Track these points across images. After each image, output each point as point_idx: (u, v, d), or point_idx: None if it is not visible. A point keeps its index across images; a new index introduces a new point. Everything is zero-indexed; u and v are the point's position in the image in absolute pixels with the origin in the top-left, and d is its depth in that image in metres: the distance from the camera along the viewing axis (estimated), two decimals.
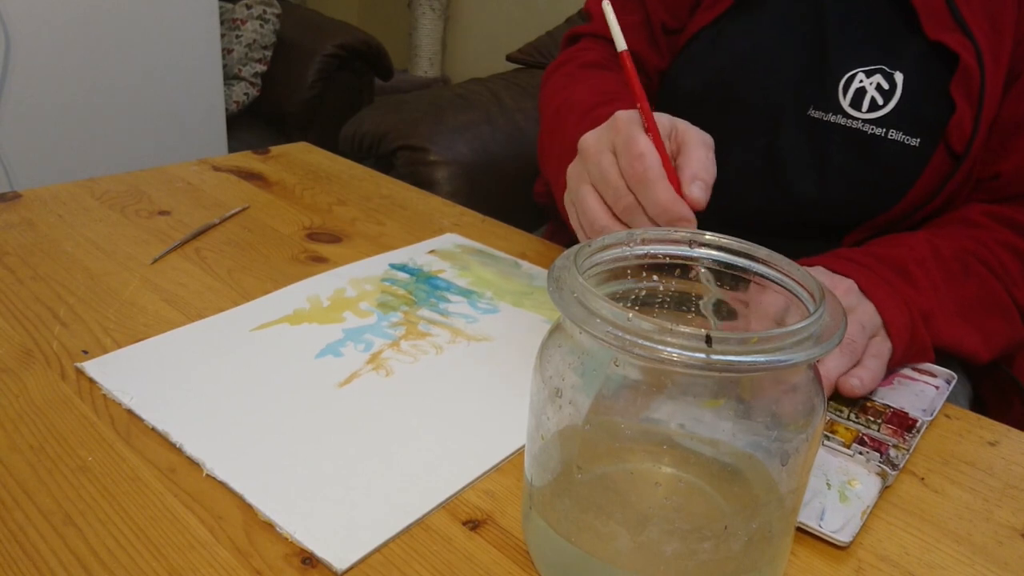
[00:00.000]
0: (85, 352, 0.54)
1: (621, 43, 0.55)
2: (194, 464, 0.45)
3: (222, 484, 0.43)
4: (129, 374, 0.52)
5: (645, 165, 0.51)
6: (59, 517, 0.41)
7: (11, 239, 0.70)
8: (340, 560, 0.39)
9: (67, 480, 0.43)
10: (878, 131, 0.66)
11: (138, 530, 0.40)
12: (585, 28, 0.83)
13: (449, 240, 0.76)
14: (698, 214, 0.51)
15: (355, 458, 0.46)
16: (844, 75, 0.68)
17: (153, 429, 0.47)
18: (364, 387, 0.53)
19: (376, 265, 0.70)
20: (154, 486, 0.43)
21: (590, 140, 0.56)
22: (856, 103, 0.68)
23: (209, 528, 0.41)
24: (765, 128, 0.72)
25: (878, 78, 0.67)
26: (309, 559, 0.39)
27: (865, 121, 0.67)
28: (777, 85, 0.72)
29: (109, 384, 0.51)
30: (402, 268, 0.70)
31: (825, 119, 0.69)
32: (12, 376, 0.52)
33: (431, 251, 0.73)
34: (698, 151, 0.53)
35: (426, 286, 0.67)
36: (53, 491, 0.42)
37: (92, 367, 0.52)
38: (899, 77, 0.66)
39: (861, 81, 0.67)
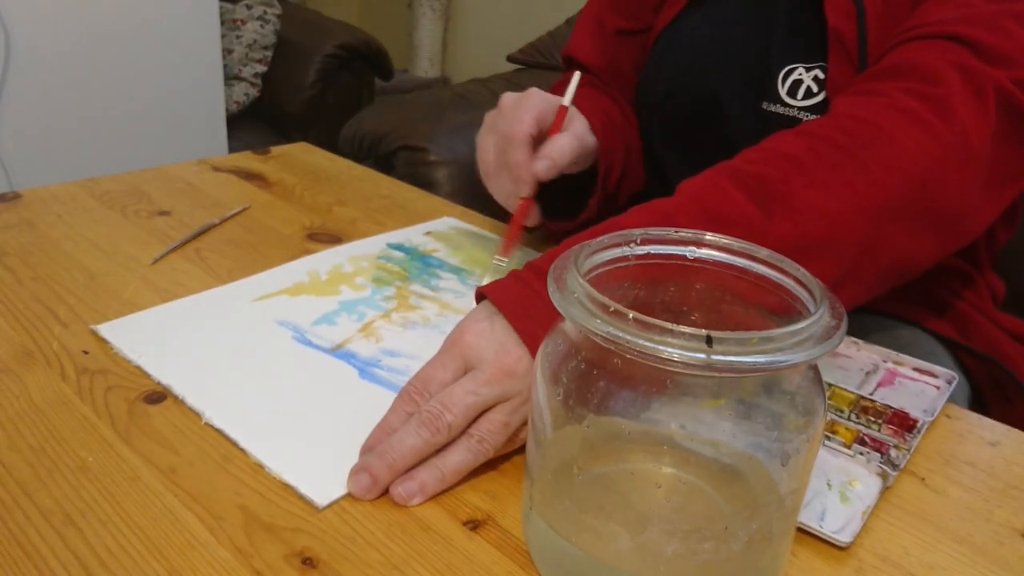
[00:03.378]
0: (85, 352, 0.54)
1: (567, 100, 0.67)
2: (194, 464, 0.45)
3: (218, 431, 0.47)
4: (139, 336, 0.56)
5: (512, 131, 0.63)
6: (59, 517, 0.41)
7: (11, 239, 0.70)
8: (321, 497, 0.43)
9: (67, 480, 0.43)
10: (813, 117, 0.67)
11: (138, 530, 0.40)
12: (568, 52, 0.85)
13: (445, 223, 0.79)
14: None
15: (343, 411, 0.50)
16: (783, 69, 0.70)
17: (158, 383, 0.51)
18: (355, 351, 0.57)
19: (374, 244, 0.74)
20: (154, 486, 0.43)
21: (507, 99, 0.67)
22: (792, 92, 0.69)
23: (209, 528, 0.41)
24: (726, 121, 0.74)
25: (816, 72, 0.68)
26: (309, 559, 0.39)
27: (801, 108, 0.68)
28: (731, 80, 0.73)
29: (120, 344, 0.55)
30: (398, 247, 0.73)
31: (770, 110, 0.70)
32: (12, 376, 0.52)
33: (427, 232, 0.77)
34: (563, 138, 0.65)
35: (419, 264, 0.70)
36: (53, 491, 0.42)
37: (105, 329, 0.56)
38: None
39: (800, 74, 0.69)
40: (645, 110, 0.82)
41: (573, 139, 0.65)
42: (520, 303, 0.47)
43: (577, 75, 0.68)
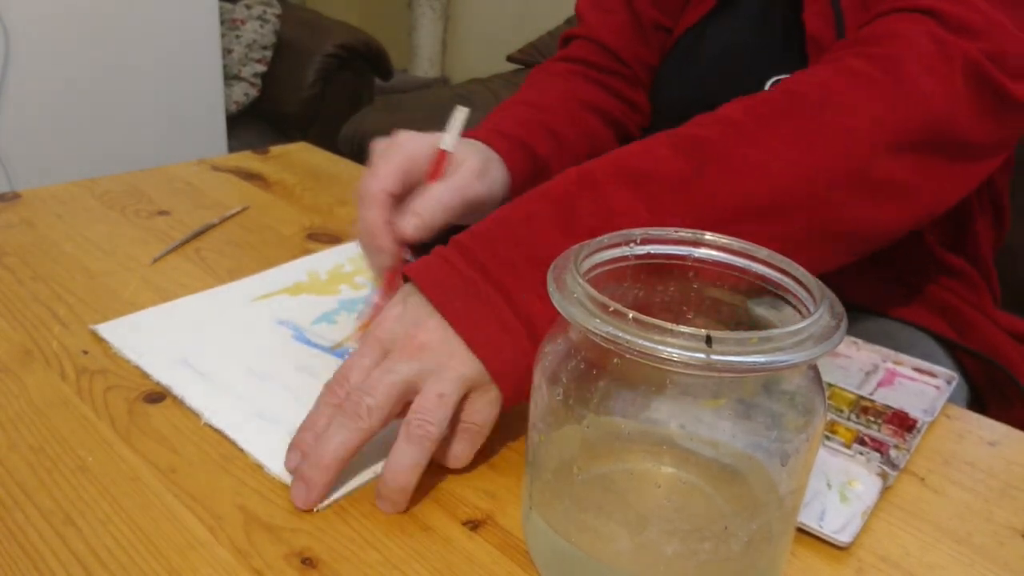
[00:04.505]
0: (85, 352, 0.54)
1: (447, 143, 0.57)
2: (194, 464, 0.45)
3: (218, 431, 0.47)
4: (138, 335, 0.56)
5: (365, 187, 0.55)
6: (59, 517, 0.41)
7: (11, 239, 0.70)
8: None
9: (67, 480, 0.43)
10: None
11: (138, 530, 0.40)
12: (577, 31, 0.83)
13: None
14: None
15: None
16: (770, 80, 0.69)
17: (158, 383, 0.51)
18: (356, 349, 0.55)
19: None
20: (154, 486, 0.43)
21: (377, 148, 0.59)
22: None
23: (209, 528, 0.41)
24: None
25: None
26: (309, 559, 0.39)
27: None
28: (740, 90, 0.72)
29: (119, 344, 0.55)
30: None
31: None
32: (12, 376, 0.52)
33: None
34: (436, 189, 0.55)
35: None
36: (53, 491, 0.42)
37: (105, 329, 0.56)
38: None
39: None
40: (658, 114, 0.80)
41: (450, 191, 0.55)
42: (436, 277, 0.45)
43: (461, 112, 0.59)
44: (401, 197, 0.56)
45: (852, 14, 0.64)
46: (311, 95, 2.33)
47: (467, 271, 0.45)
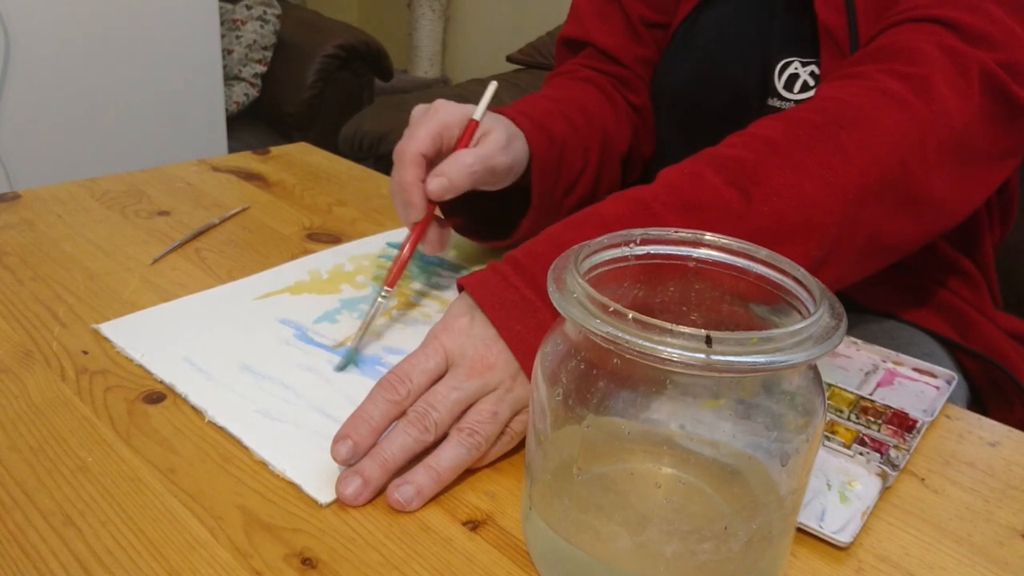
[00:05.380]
0: (85, 352, 0.54)
1: (477, 114, 0.61)
2: (194, 464, 0.45)
3: (221, 429, 0.48)
4: (141, 334, 0.57)
5: (403, 148, 0.58)
6: (59, 518, 0.41)
7: (11, 239, 0.70)
8: (324, 495, 0.43)
9: (67, 481, 0.43)
10: None
11: (138, 530, 0.40)
12: (575, 34, 0.84)
13: None
14: None
15: (344, 408, 0.49)
16: (779, 63, 0.70)
17: (160, 381, 0.52)
18: (357, 348, 0.57)
19: (374, 243, 0.74)
20: (154, 486, 0.43)
21: (415, 112, 0.62)
22: (789, 86, 0.69)
23: (209, 528, 0.41)
24: (737, 119, 0.73)
25: (812, 67, 0.68)
26: (309, 560, 0.39)
27: (797, 102, 0.68)
28: (742, 76, 0.73)
29: (122, 343, 0.55)
30: (399, 247, 0.73)
31: (770, 104, 0.70)
32: (12, 376, 0.52)
33: None
34: (464, 155, 0.58)
35: (420, 262, 0.71)
36: (53, 492, 0.42)
37: (107, 328, 0.57)
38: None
39: (796, 68, 0.69)
40: (658, 106, 0.81)
41: (476, 158, 0.59)
42: (498, 297, 0.47)
43: (492, 86, 0.62)
44: (433, 160, 0.59)
45: (864, 5, 0.64)
46: (311, 95, 2.33)
47: (526, 291, 0.47)
